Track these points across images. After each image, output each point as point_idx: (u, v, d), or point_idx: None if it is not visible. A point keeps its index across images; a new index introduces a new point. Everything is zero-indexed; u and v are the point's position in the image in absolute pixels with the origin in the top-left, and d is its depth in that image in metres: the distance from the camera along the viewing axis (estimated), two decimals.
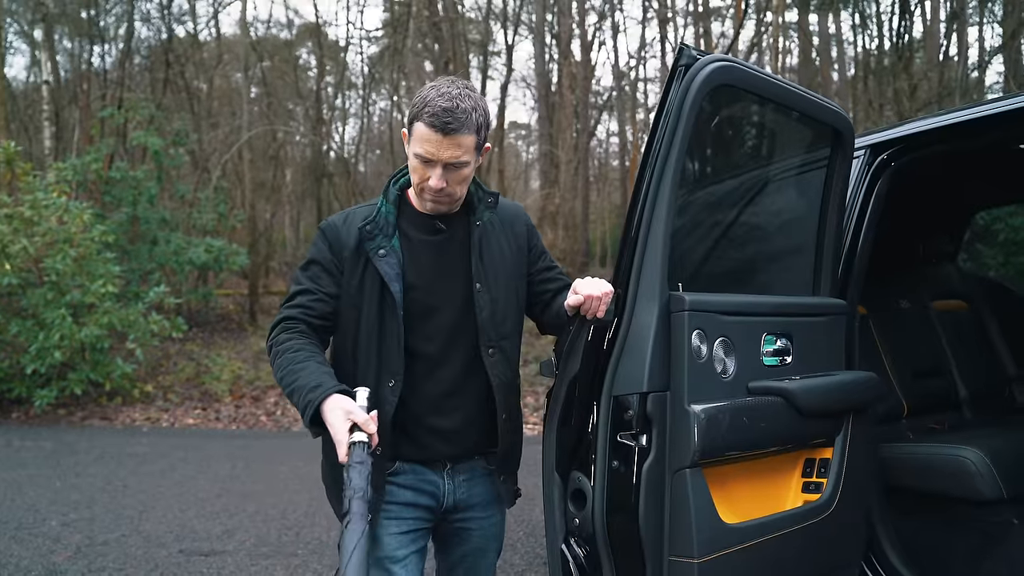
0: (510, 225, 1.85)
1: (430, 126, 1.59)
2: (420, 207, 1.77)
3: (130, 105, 12.23)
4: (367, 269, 1.71)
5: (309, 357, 1.64)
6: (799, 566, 1.87)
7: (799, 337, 1.96)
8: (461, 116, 1.59)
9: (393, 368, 1.70)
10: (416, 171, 1.66)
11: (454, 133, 1.59)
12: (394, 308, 1.69)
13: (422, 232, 1.76)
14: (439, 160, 1.62)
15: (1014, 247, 6.48)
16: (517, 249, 1.85)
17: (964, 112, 2.27)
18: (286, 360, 1.63)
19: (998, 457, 2.38)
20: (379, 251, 1.70)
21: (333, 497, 1.84)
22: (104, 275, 8.14)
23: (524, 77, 21.38)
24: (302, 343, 1.67)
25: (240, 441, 7.14)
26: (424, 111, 1.59)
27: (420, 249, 1.75)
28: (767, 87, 1.91)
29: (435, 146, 1.60)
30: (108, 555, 3.88)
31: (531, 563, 3.77)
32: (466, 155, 1.63)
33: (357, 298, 1.72)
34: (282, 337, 1.69)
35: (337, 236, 1.73)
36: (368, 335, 1.71)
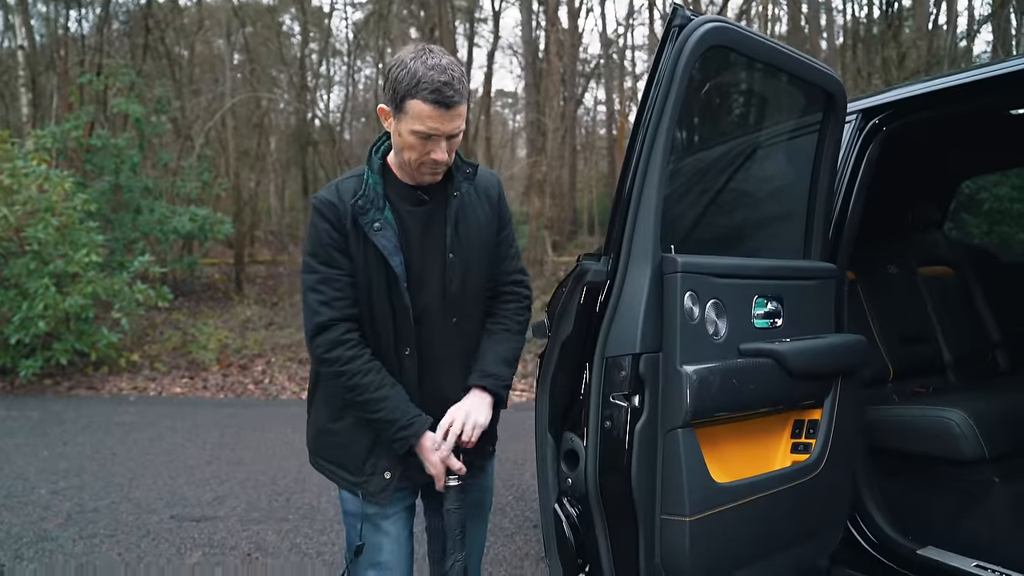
0: (485, 193, 1.86)
1: (433, 103, 1.56)
2: (404, 176, 1.76)
3: (110, 71, 11.97)
4: (366, 244, 1.70)
5: (386, 381, 1.71)
6: (787, 524, 1.90)
7: (790, 300, 1.97)
8: (458, 87, 1.58)
9: (406, 337, 1.74)
10: (414, 148, 1.64)
11: (456, 105, 1.59)
12: (398, 281, 1.70)
13: (407, 203, 1.75)
14: (443, 134, 1.61)
15: (998, 216, 6.52)
16: (491, 218, 1.86)
17: (956, 76, 2.27)
18: (366, 384, 1.69)
19: (981, 418, 2.42)
20: (374, 225, 1.69)
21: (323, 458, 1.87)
22: (87, 244, 8.04)
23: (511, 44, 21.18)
24: (369, 364, 1.71)
25: (228, 409, 7.13)
26: (420, 88, 1.56)
27: (408, 220, 1.75)
28: (761, 49, 1.90)
29: (439, 121, 1.58)
30: (99, 521, 3.89)
31: (520, 526, 3.81)
32: (463, 122, 1.64)
33: (365, 275, 1.72)
34: (347, 355, 1.69)
35: (336, 212, 1.70)
36: (382, 307, 1.73)
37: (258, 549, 3.55)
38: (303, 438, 1.97)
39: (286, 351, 9.39)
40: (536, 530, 3.74)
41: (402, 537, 1.83)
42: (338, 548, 3.54)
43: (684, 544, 1.63)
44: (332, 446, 1.83)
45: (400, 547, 1.82)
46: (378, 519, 1.80)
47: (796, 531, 1.95)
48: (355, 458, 1.79)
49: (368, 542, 1.80)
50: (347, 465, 1.81)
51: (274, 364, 8.98)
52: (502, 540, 3.56)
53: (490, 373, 1.79)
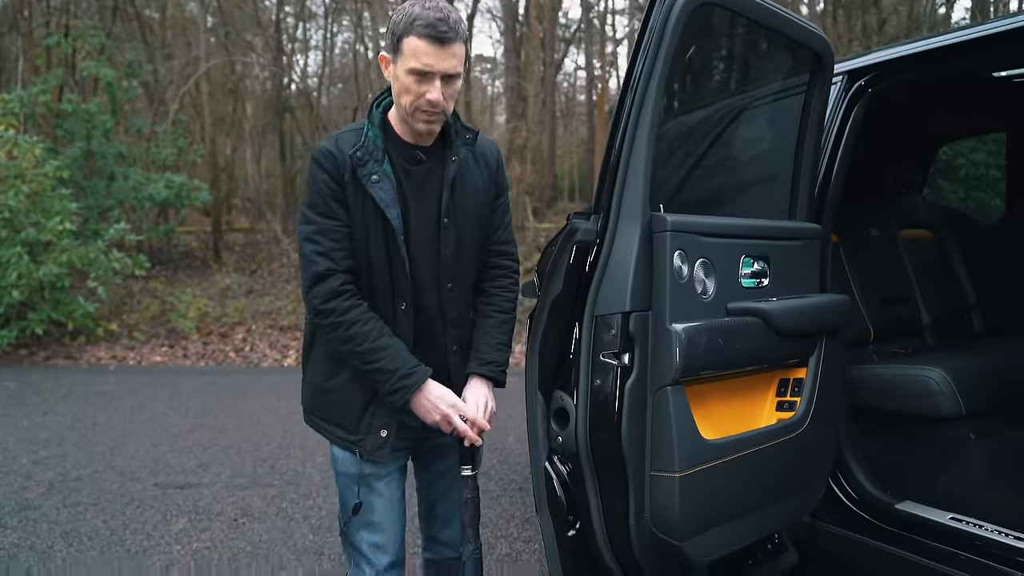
0: (483, 159, 1.85)
1: (426, 37, 1.57)
2: (403, 133, 1.75)
3: (78, 33, 11.65)
4: (365, 196, 1.68)
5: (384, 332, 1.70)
6: (773, 480, 1.93)
7: (776, 260, 1.99)
8: (454, 24, 1.59)
9: (402, 291, 1.73)
10: (410, 90, 1.63)
11: (451, 42, 1.59)
12: (395, 233, 1.69)
13: (405, 161, 1.74)
14: (438, 72, 1.60)
15: (974, 182, 6.58)
16: (488, 185, 1.85)
17: (942, 38, 2.27)
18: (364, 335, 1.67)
19: (959, 376, 2.47)
20: (372, 177, 1.67)
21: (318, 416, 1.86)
22: (60, 212, 7.91)
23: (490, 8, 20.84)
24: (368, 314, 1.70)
25: (209, 377, 7.11)
26: (415, 24, 1.57)
27: (404, 178, 1.74)
28: (750, 6, 1.89)
29: (433, 57, 1.58)
30: (82, 490, 3.88)
31: (505, 488, 3.86)
32: (460, 65, 1.63)
33: (362, 227, 1.70)
34: (340, 306, 1.68)
35: (335, 163, 1.68)
36: (379, 260, 1.72)
37: (244, 515, 3.56)
38: (286, 405, 1.98)
39: (266, 319, 9.34)
40: (521, 492, 3.79)
41: (395, 498, 1.84)
42: (325, 512, 3.56)
43: (674, 500, 1.65)
44: (328, 403, 1.82)
45: (393, 507, 1.83)
46: (372, 479, 1.80)
47: (782, 487, 1.98)
48: (351, 416, 1.78)
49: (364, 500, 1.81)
50: (343, 423, 1.80)
51: (255, 332, 8.93)
52: (487, 503, 3.59)
53: (490, 360, 1.82)
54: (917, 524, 2.13)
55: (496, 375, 1.83)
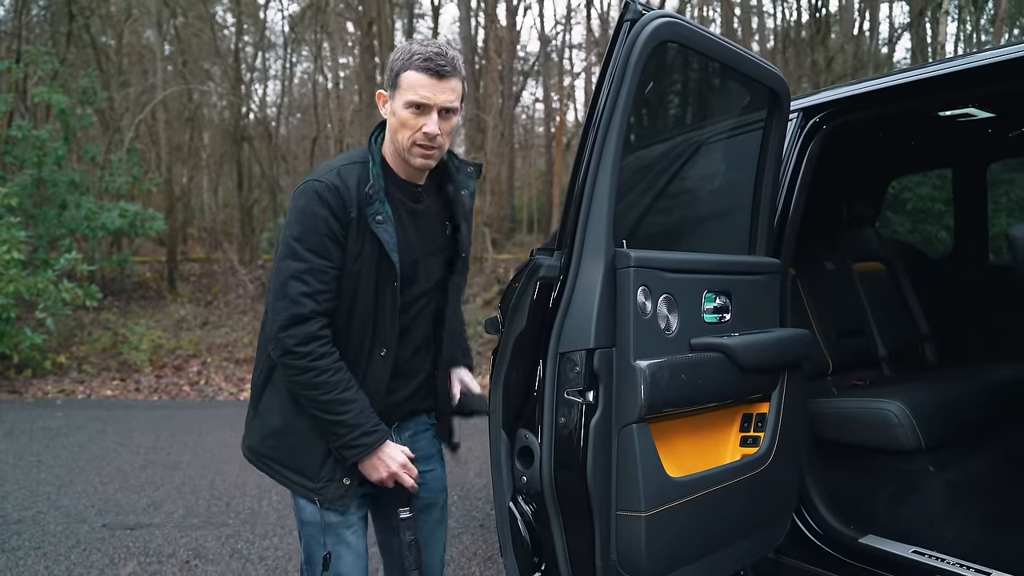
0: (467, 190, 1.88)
1: (424, 71, 1.59)
2: (399, 170, 1.74)
3: (30, 59, 11.40)
4: (368, 235, 1.65)
5: (351, 384, 1.67)
6: (739, 517, 1.93)
7: (737, 295, 2.00)
8: (451, 60, 1.62)
9: (386, 338, 1.71)
10: (407, 124, 1.62)
11: (448, 76, 1.61)
12: (390, 278, 1.67)
13: (407, 199, 1.74)
14: (435, 105, 1.61)
15: (921, 215, 6.80)
16: None
17: (893, 77, 2.34)
18: (330, 386, 1.64)
19: (917, 409, 2.51)
20: (377, 217, 1.64)
21: (275, 461, 1.78)
22: (8, 240, 7.65)
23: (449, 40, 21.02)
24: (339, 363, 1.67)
25: (163, 412, 6.90)
26: (413, 59, 1.60)
27: (405, 216, 1.73)
28: (710, 45, 1.92)
29: (430, 90, 1.60)
30: (23, 533, 3.70)
31: (467, 526, 3.79)
32: (457, 100, 1.65)
33: (357, 265, 1.66)
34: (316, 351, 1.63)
35: (340, 200, 1.62)
36: (366, 304, 1.68)
37: (197, 556, 3.43)
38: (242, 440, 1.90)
39: (222, 351, 9.14)
40: (483, 529, 3.73)
41: (361, 547, 1.78)
42: (281, 553, 3.45)
43: (640, 540, 1.63)
44: (286, 448, 1.75)
45: (359, 558, 1.77)
46: (340, 528, 1.74)
47: (748, 523, 1.98)
48: (312, 462, 1.72)
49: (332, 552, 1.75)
50: (303, 470, 1.73)
51: (210, 365, 8.73)
52: (449, 541, 3.51)
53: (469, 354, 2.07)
54: (880, 558, 2.15)
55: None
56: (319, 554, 1.75)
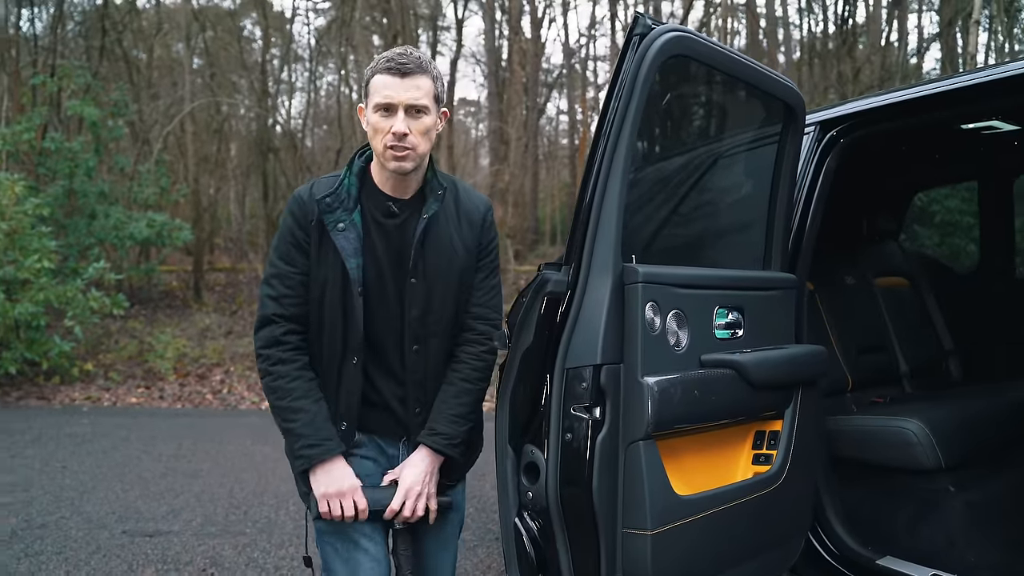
0: (467, 217, 1.80)
1: (386, 71, 1.61)
2: (382, 183, 1.74)
3: (64, 72, 11.67)
4: (328, 243, 1.68)
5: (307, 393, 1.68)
6: (750, 536, 1.90)
7: (751, 311, 1.98)
8: (415, 60, 1.62)
9: (355, 346, 1.70)
10: (378, 128, 1.63)
11: (411, 74, 1.61)
12: (351, 284, 1.67)
13: (378, 212, 1.73)
14: (399, 103, 1.61)
15: (949, 228, 6.69)
16: (470, 244, 1.80)
17: (911, 90, 2.31)
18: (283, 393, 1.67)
19: (937, 428, 2.45)
20: (338, 224, 1.67)
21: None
22: (39, 250, 7.82)
23: (474, 53, 21.15)
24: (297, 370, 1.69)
25: (185, 420, 6.98)
26: (379, 64, 1.63)
27: (375, 230, 1.73)
28: (721, 59, 1.91)
29: (394, 89, 1.60)
30: (46, 538, 3.75)
31: (482, 539, 3.78)
32: (425, 99, 1.63)
33: (320, 274, 1.70)
34: (275, 355, 1.68)
35: (303, 210, 1.70)
36: (333, 311, 1.70)
37: (214, 564, 3.45)
38: (263, 449, 1.94)
39: (245, 360, 9.22)
40: (498, 542, 3.70)
41: (380, 554, 1.76)
42: (297, 563, 3.47)
43: (646, 559, 1.61)
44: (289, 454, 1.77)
45: (379, 564, 1.75)
46: (357, 535, 1.73)
47: (759, 543, 1.95)
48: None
49: (347, 559, 1.74)
50: (301, 475, 1.74)
51: (233, 374, 8.82)
52: (464, 553, 3.51)
53: (438, 432, 1.73)
54: None
55: (443, 448, 1.73)
56: (334, 561, 1.75)
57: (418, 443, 1.75)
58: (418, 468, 1.72)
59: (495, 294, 1.85)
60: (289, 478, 1.87)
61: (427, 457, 1.73)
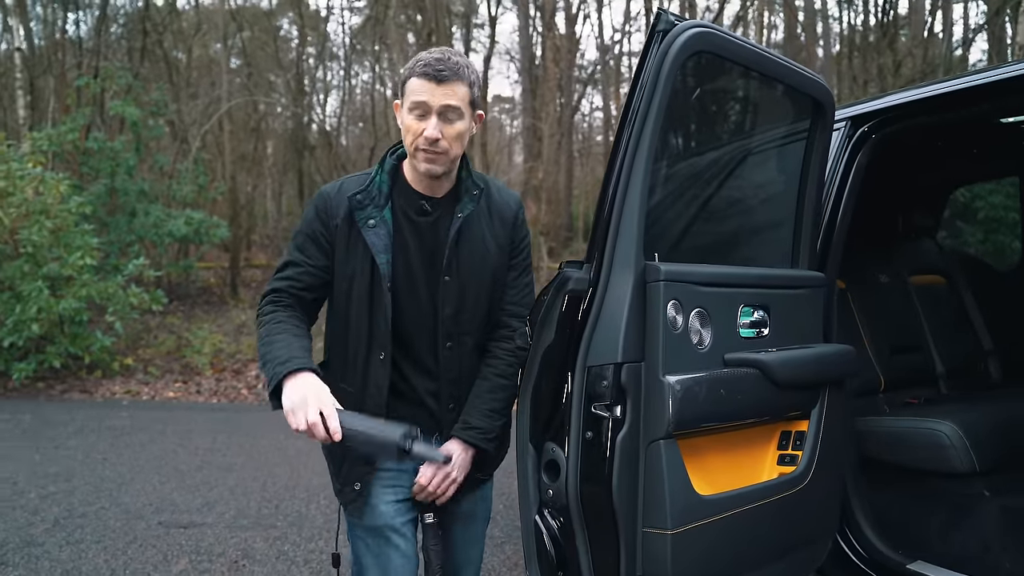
0: (499, 216, 1.83)
1: (422, 76, 1.61)
2: (413, 181, 1.75)
3: (107, 74, 11.96)
4: (358, 239, 1.70)
5: (286, 330, 1.65)
6: (774, 538, 1.87)
7: (777, 309, 1.95)
8: (453, 66, 1.62)
9: (382, 341, 1.72)
10: (411, 129, 1.65)
11: (447, 80, 1.61)
12: (381, 279, 1.69)
13: (410, 210, 1.75)
14: (433, 107, 1.62)
15: (993, 224, 6.51)
16: (503, 243, 1.83)
17: (944, 84, 2.25)
18: (265, 331, 1.66)
19: (971, 430, 2.40)
20: (368, 221, 1.69)
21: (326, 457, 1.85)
22: (82, 247, 8.03)
23: (508, 50, 21.16)
24: (284, 316, 1.70)
25: (221, 414, 7.11)
26: (416, 66, 1.63)
27: (407, 227, 1.74)
28: (745, 55, 1.88)
29: (428, 94, 1.61)
30: (86, 527, 3.86)
31: (510, 535, 3.79)
32: (460, 103, 1.64)
33: (348, 268, 1.71)
34: (267, 309, 1.72)
35: (327, 206, 1.72)
36: (359, 307, 1.72)
37: (245, 556, 3.52)
38: (296, 444, 1.97)
39: None
40: None
41: (410, 550, 1.79)
42: (326, 556, 3.51)
43: (666, 558, 1.60)
44: (325, 449, 1.81)
45: (409, 560, 1.78)
46: (388, 531, 1.76)
47: (783, 544, 1.92)
48: (337, 464, 1.79)
49: (377, 554, 1.77)
50: (333, 470, 1.81)
51: None
52: (491, 549, 3.53)
53: (473, 426, 1.77)
54: None
55: (478, 442, 1.76)
56: (366, 556, 1.78)
57: (452, 436, 1.78)
58: (454, 452, 1.76)
59: (528, 292, 1.90)
60: (321, 473, 1.92)
61: (461, 449, 1.77)
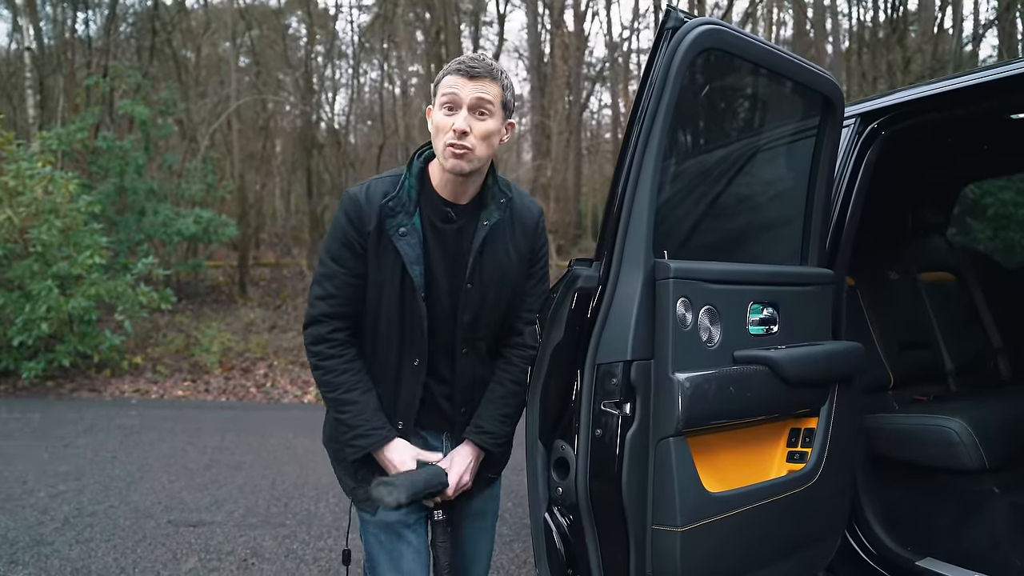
0: (521, 223, 1.83)
1: (456, 72, 1.62)
2: (440, 186, 1.73)
3: (116, 73, 12.02)
4: (388, 247, 1.68)
5: (357, 385, 1.72)
6: (783, 535, 1.87)
7: (786, 306, 1.95)
8: (486, 65, 1.63)
9: (417, 348, 1.73)
10: (441, 126, 1.64)
11: (479, 77, 1.62)
12: (414, 290, 1.68)
13: (436, 218, 1.74)
14: (464, 100, 1.62)
15: (1003, 221, 6.48)
16: (524, 250, 1.83)
17: (954, 81, 2.24)
18: (334, 384, 1.71)
19: (981, 427, 2.39)
20: (400, 229, 1.67)
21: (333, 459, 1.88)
22: (91, 246, 8.06)
23: (516, 47, 21.17)
24: (343, 364, 1.72)
25: (229, 413, 7.13)
26: (450, 66, 1.64)
27: (431, 234, 1.73)
28: (755, 52, 1.87)
29: (460, 88, 1.61)
30: (96, 526, 3.88)
31: (518, 533, 3.79)
32: (492, 101, 1.64)
33: (379, 276, 1.70)
34: (324, 352, 1.72)
35: (359, 212, 1.68)
36: (389, 314, 1.72)
37: (254, 555, 3.53)
38: (304, 442, 1.99)
39: (288, 354, 9.38)
40: None
41: (422, 546, 1.81)
42: (335, 555, 3.53)
43: (675, 555, 1.60)
44: (337, 447, 1.83)
45: (420, 555, 1.80)
46: (399, 527, 1.78)
47: (792, 542, 1.92)
48: (350, 463, 1.80)
49: (390, 549, 1.79)
50: (346, 468, 1.82)
51: (276, 367, 8.97)
52: (500, 547, 3.53)
53: (487, 431, 1.80)
54: None
55: (490, 446, 1.80)
56: (378, 552, 1.79)
57: (464, 439, 1.81)
58: (466, 459, 1.79)
59: (545, 299, 1.88)
60: (330, 471, 1.92)
61: (472, 452, 1.80)
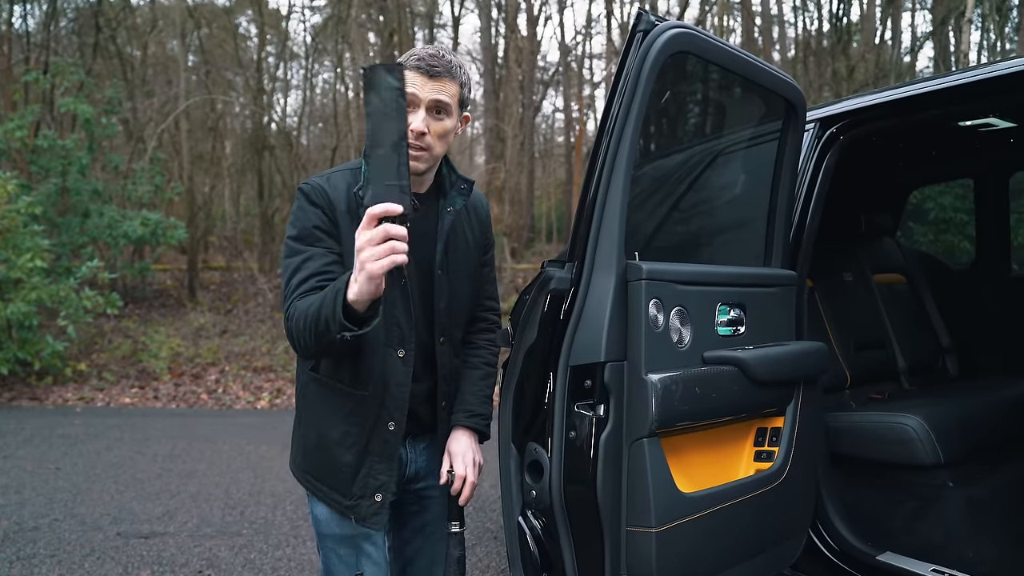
0: (476, 213, 1.85)
1: (415, 69, 1.58)
2: None
3: (57, 70, 11.59)
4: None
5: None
6: (753, 533, 1.89)
7: (752, 307, 1.97)
8: (446, 63, 1.60)
9: (403, 338, 1.65)
10: None
11: (439, 76, 1.59)
12: (396, 277, 1.61)
13: None
14: (422, 101, 1.58)
15: (943, 225, 6.72)
16: (478, 238, 1.84)
17: (911, 87, 2.31)
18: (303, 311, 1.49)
19: (937, 424, 2.46)
20: None
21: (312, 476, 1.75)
22: (31, 249, 7.77)
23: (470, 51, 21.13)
24: None
25: (180, 420, 6.94)
26: (408, 60, 1.60)
27: None
28: (724, 56, 1.90)
29: (419, 87, 1.58)
30: (39, 540, 3.72)
31: (480, 537, 3.77)
32: (449, 100, 1.61)
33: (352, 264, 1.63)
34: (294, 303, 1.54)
35: (326, 196, 1.63)
36: None
37: (210, 566, 3.43)
38: (257, 449, 1.92)
39: (240, 359, 9.19)
40: (496, 542, 3.70)
41: (381, 559, 1.75)
42: (294, 564, 3.45)
43: (650, 556, 1.60)
44: (322, 463, 1.71)
45: (380, 568, 1.75)
46: (361, 540, 1.72)
47: (762, 539, 1.94)
48: (344, 479, 1.68)
49: (350, 564, 1.73)
50: (337, 486, 1.69)
51: (228, 373, 8.78)
52: None
53: (477, 412, 1.79)
54: None
55: (483, 428, 1.80)
56: (338, 568, 1.73)
57: (455, 426, 1.78)
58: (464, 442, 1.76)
59: (496, 285, 1.98)
60: (286, 479, 1.86)
61: (469, 436, 1.78)
